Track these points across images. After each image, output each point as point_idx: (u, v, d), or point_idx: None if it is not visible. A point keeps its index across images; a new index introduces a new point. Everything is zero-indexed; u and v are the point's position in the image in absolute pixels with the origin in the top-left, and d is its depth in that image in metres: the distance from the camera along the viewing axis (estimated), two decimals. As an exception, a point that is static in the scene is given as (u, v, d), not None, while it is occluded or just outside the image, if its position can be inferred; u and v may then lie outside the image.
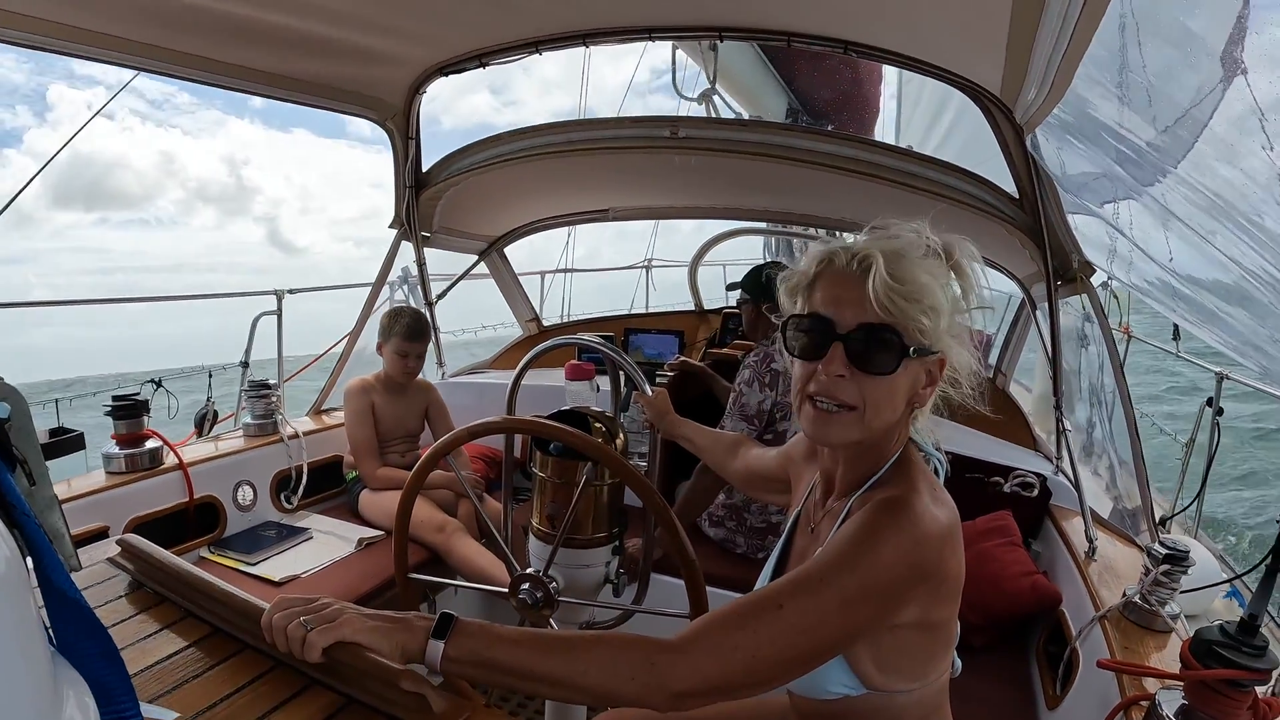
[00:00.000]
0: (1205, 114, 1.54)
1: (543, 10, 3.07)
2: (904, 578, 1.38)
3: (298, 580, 3.37)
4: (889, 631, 1.45)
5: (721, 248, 6.85)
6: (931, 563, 1.41)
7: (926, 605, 1.44)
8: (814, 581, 1.36)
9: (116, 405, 3.41)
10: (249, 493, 3.89)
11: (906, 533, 1.39)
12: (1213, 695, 1.77)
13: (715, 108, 4.38)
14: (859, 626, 1.37)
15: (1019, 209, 3.38)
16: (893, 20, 2.84)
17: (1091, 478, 4.04)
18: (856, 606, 1.34)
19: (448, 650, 1.31)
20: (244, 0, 2.69)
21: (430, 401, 4.43)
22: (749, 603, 1.36)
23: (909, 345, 1.47)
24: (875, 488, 1.58)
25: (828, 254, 1.56)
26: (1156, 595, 2.54)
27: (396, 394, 4.24)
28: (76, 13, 2.57)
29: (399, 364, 4.13)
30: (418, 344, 4.16)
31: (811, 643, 1.33)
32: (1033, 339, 4.76)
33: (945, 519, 1.47)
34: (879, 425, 1.54)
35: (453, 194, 4.35)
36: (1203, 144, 1.60)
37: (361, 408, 4.09)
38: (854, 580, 1.34)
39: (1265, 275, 1.53)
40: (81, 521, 3.04)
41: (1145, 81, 1.75)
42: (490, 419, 2.24)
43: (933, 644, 1.54)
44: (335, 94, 3.68)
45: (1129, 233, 2.31)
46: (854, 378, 1.49)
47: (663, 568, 2.87)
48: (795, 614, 1.32)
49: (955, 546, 1.47)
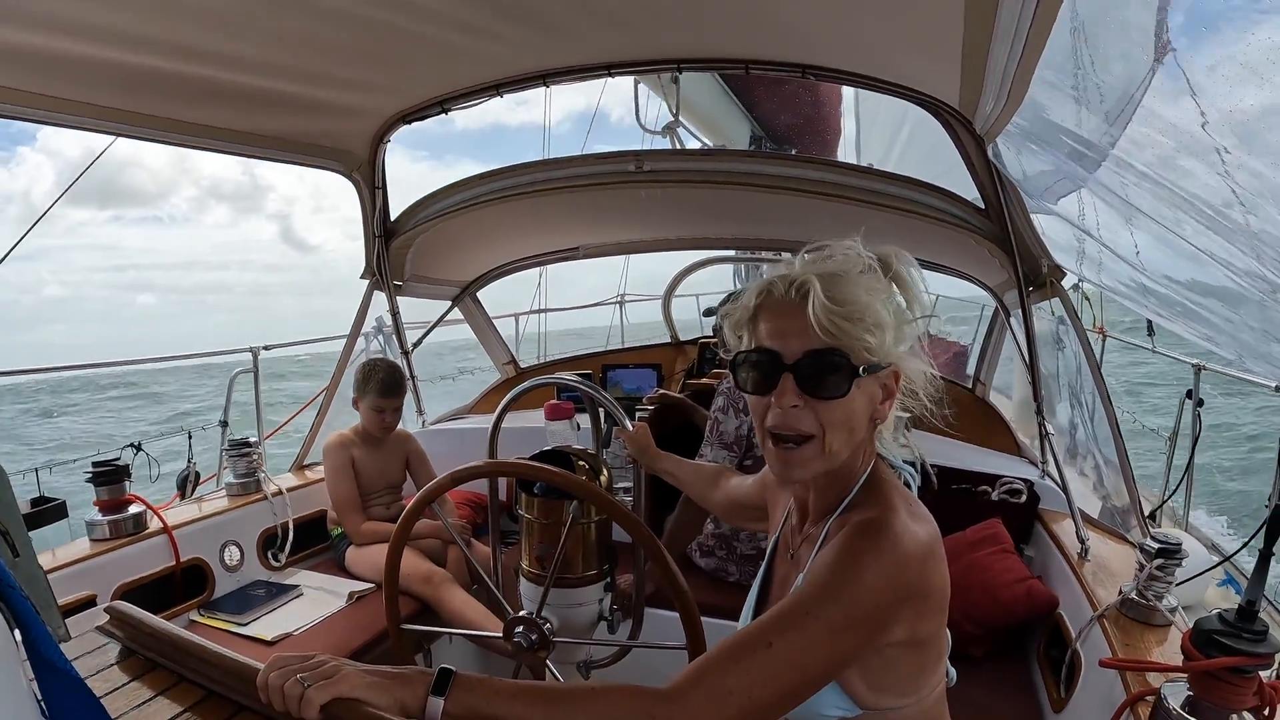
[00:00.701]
0: (1140, 97, 1.57)
1: (503, 53, 3.09)
2: (888, 601, 1.37)
3: (291, 638, 3.34)
4: (878, 652, 1.45)
5: (694, 277, 6.88)
6: (914, 582, 1.41)
7: (913, 623, 1.44)
8: (799, 615, 1.35)
9: (97, 471, 3.38)
10: (236, 552, 3.86)
11: (887, 555, 1.39)
12: (1217, 684, 1.77)
13: (680, 139, 4.39)
14: (848, 654, 1.37)
15: (985, 219, 3.40)
16: (849, 42, 2.86)
17: (1078, 479, 4.05)
18: (844, 635, 1.34)
19: (448, 706, 1.30)
20: (207, 61, 2.70)
21: (410, 451, 4.41)
22: (738, 644, 1.35)
23: (857, 365, 1.46)
24: (850, 509, 1.58)
25: (766, 285, 1.56)
26: (1153, 590, 2.55)
27: (375, 446, 4.22)
28: (41, 81, 2.57)
29: (375, 419, 4.12)
30: (394, 399, 4.15)
31: (803, 677, 1.33)
32: (1010, 347, 4.78)
33: (924, 535, 1.47)
34: (841, 449, 1.53)
35: (423, 241, 4.35)
36: (1143, 126, 1.62)
37: (341, 463, 4.07)
38: (839, 610, 1.34)
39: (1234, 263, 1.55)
40: (68, 591, 3.01)
41: (1096, 81, 1.78)
42: (472, 464, 2.23)
43: (923, 659, 1.54)
44: (301, 148, 3.68)
45: (1096, 234, 2.33)
46: (808, 405, 1.48)
47: (656, 601, 2.86)
48: (785, 650, 1.32)
49: (937, 561, 1.47)
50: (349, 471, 4.08)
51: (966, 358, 9.71)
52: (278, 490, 4.13)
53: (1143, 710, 2.01)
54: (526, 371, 6.37)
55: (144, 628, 1.74)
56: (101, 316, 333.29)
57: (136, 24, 2.37)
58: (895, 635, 1.42)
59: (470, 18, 2.70)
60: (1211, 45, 1.36)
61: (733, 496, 2.31)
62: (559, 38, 2.99)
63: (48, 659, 0.99)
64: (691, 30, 2.91)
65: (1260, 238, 1.40)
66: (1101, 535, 3.40)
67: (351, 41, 2.79)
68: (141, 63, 2.61)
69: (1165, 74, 1.44)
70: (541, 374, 5.74)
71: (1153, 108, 1.56)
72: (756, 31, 2.87)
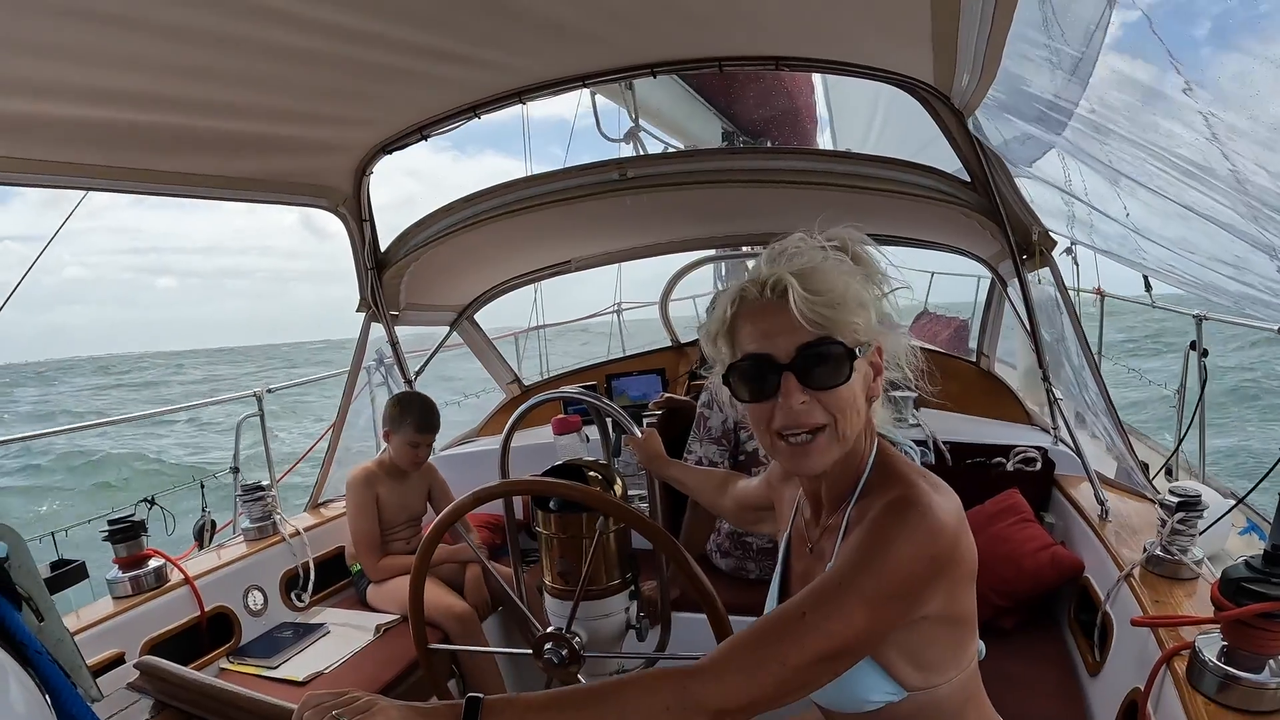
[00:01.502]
0: (1099, 43, 1.58)
1: (476, 76, 3.09)
2: (924, 573, 1.38)
3: (322, 676, 3.34)
4: (915, 628, 1.45)
5: (689, 279, 6.88)
6: (948, 552, 1.41)
7: (948, 594, 1.44)
8: (834, 588, 1.36)
9: (114, 529, 3.38)
10: (259, 597, 3.86)
11: (919, 527, 1.40)
12: (1250, 631, 1.77)
13: (643, 145, 4.38)
14: (882, 627, 1.37)
15: (972, 191, 3.40)
16: (819, 30, 2.86)
17: (1091, 441, 4.05)
18: (880, 607, 1.34)
19: None
20: (180, 110, 2.70)
21: (433, 482, 4.41)
22: (772, 618, 1.36)
23: (852, 348, 1.48)
24: (867, 494, 1.58)
25: (738, 292, 1.58)
26: (1177, 544, 2.54)
27: (400, 479, 4.21)
28: (14, 144, 2.57)
29: (409, 454, 4.10)
30: (430, 435, 4.14)
31: (839, 645, 1.33)
32: (1010, 316, 4.78)
33: (951, 506, 1.47)
34: (851, 434, 1.54)
35: (415, 269, 4.35)
36: (1111, 87, 1.63)
37: (365, 501, 4.06)
38: (873, 582, 1.35)
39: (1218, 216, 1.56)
40: (95, 650, 3.00)
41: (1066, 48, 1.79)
42: (486, 486, 2.23)
43: (960, 632, 1.55)
44: (283, 188, 3.68)
45: (1084, 197, 2.33)
46: (815, 399, 1.49)
47: (682, 605, 2.86)
48: (819, 619, 1.33)
49: (965, 530, 1.48)
50: (373, 509, 4.08)
51: (967, 332, 9.73)
52: (295, 531, 4.13)
53: (1179, 665, 2.01)
54: (531, 389, 6.37)
55: (175, 680, 1.74)
56: (121, 299, 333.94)
57: (106, 79, 2.36)
58: (931, 608, 1.43)
59: (441, 45, 2.71)
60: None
61: (740, 499, 2.33)
62: (530, 56, 2.99)
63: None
64: (662, 34, 2.91)
65: (1245, 188, 1.41)
66: (1120, 495, 3.39)
67: (325, 79, 2.79)
68: (114, 117, 2.60)
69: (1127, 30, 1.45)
70: (546, 390, 5.74)
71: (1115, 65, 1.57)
72: (726, 28, 2.87)
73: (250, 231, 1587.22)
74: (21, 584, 1.17)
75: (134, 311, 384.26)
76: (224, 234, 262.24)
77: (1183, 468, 4.66)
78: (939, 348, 7.63)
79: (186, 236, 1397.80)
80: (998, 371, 5.23)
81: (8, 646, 0.95)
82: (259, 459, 5.18)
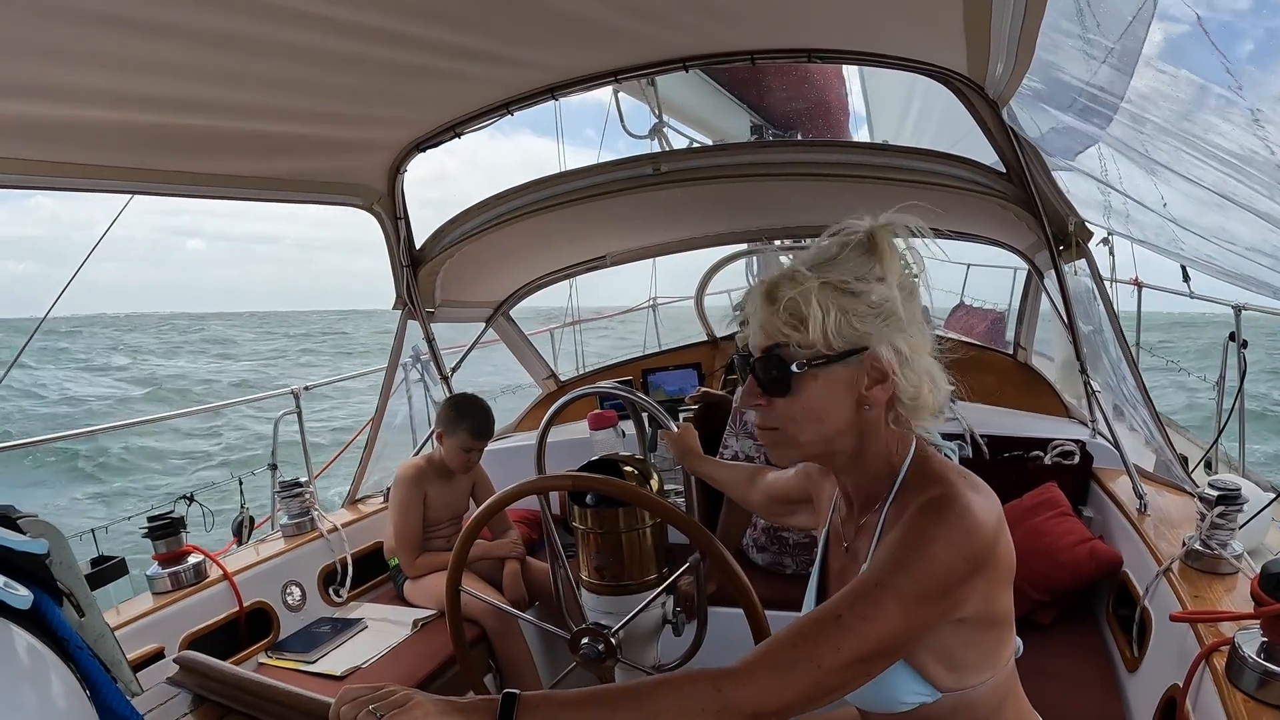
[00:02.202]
0: (1143, 38, 1.56)
1: (508, 74, 3.09)
2: (961, 572, 1.37)
3: (360, 671, 3.37)
4: (952, 628, 1.44)
5: (723, 274, 6.86)
6: (986, 551, 1.40)
7: (986, 595, 1.43)
8: (870, 588, 1.35)
9: (153, 526, 3.41)
10: (297, 592, 3.89)
11: (956, 527, 1.39)
12: (1291, 626, 1.75)
13: (668, 140, 4.37)
14: (921, 626, 1.36)
15: (1007, 182, 3.37)
16: (850, 21, 2.85)
17: (1129, 434, 4.01)
18: (916, 607, 1.34)
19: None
20: (214, 113, 2.72)
21: (477, 479, 4.43)
22: (808, 620, 1.36)
23: (790, 361, 1.49)
24: (904, 493, 1.57)
25: (754, 290, 1.60)
26: (1216, 538, 2.52)
27: (447, 479, 4.23)
28: (53, 148, 2.59)
29: (461, 458, 4.10)
30: (484, 441, 4.14)
31: (875, 647, 1.32)
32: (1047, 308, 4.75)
33: (991, 506, 1.46)
34: (807, 440, 1.56)
35: (450, 266, 4.36)
36: (1149, 78, 1.61)
37: (411, 497, 4.07)
38: (909, 581, 1.34)
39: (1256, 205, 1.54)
40: (135, 645, 3.04)
41: (1101, 37, 1.77)
42: (522, 482, 2.24)
43: (998, 632, 1.54)
44: (317, 188, 3.70)
45: (1120, 187, 2.31)
46: (770, 403, 1.54)
47: (718, 600, 2.85)
48: (855, 621, 1.32)
49: (1004, 530, 1.46)
50: (419, 507, 4.09)
51: (1004, 324, 9.66)
52: (333, 527, 4.16)
53: (1218, 661, 1.99)
54: (567, 384, 6.38)
55: (214, 674, 1.76)
56: (150, 259, 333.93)
57: (140, 85, 2.38)
58: (969, 609, 1.42)
59: (473, 44, 2.71)
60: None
61: (770, 492, 2.30)
62: (563, 52, 2.99)
63: (120, 715, 1.00)
64: (694, 28, 2.90)
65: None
66: (1159, 488, 3.37)
67: (358, 80, 2.80)
68: (148, 121, 2.63)
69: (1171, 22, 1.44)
70: (582, 385, 5.74)
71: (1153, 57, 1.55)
72: (758, 21, 2.86)
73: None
74: (63, 580, 1.19)
75: (163, 271, 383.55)
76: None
77: (1222, 460, 4.61)
78: (976, 340, 7.58)
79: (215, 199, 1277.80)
80: (1035, 364, 5.20)
81: (49, 642, 0.96)
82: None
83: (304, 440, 4.81)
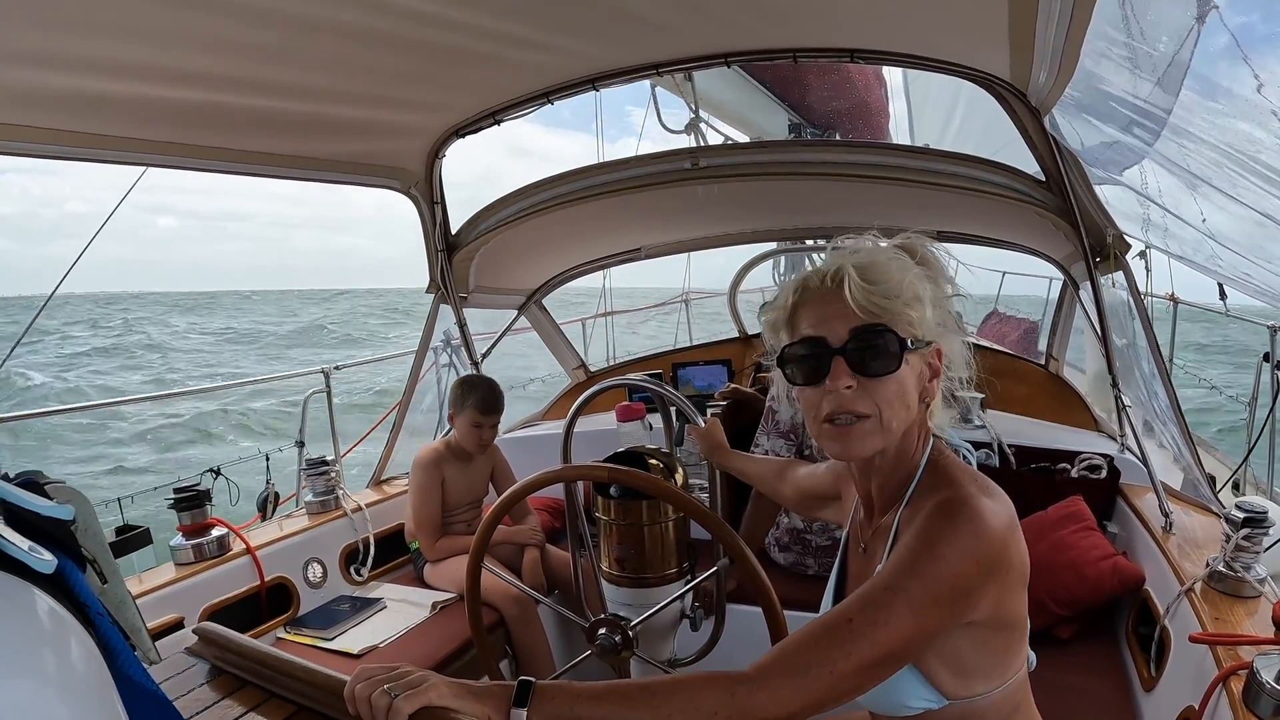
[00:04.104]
0: (1189, 59, 1.54)
1: (550, 62, 3.10)
2: (972, 576, 1.37)
3: (377, 650, 3.38)
4: (963, 634, 1.44)
5: (756, 271, 6.85)
6: (997, 555, 1.40)
7: (998, 599, 1.43)
8: (880, 592, 1.36)
9: (179, 497, 3.44)
10: (319, 569, 3.91)
11: (966, 530, 1.39)
12: (1310, 655, 1.74)
13: (704, 136, 4.36)
14: (932, 630, 1.36)
15: (1047, 191, 3.35)
16: (894, 22, 2.84)
17: (1158, 451, 3.99)
18: (927, 611, 1.34)
19: (530, 717, 1.31)
20: (257, 92, 2.74)
21: (496, 463, 4.44)
22: (818, 625, 1.36)
23: (904, 338, 1.48)
24: (918, 496, 1.57)
25: (801, 282, 1.59)
26: (1240, 561, 2.50)
27: (465, 461, 4.24)
28: (96, 121, 2.62)
29: (473, 435, 4.12)
30: (493, 416, 4.16)
31: (886, 651, 1.33)
32: (1080, 319, 4.72)
33: (1001, 509, 1.46)
34: (897, 427, 1.54)
35: (485, 252, 4.37)
36: (1191, 92, 1.60)
37: (429, 481, 4.09)
38: (920, 585, 1.34)
39: None
40: (156, 615, 3.07)
41: (1147, 49, 1.75)
42: (542, 471, 2.24)
43: (1008, 639, 1.53)
44: (355, 169, 3.71)
45: (1160, 201, 2.30)
46: (862, 386, 1.50)
47: (738, 597, 2.85)
48: (866, 626, 1.32)
49: (1016, 534, 1.46)
50: (437, 491, 4.11)
51: (1037, 334, 9.60)
52: (357, 506, 4.19)
53: (1235, 685, 1.97)
54: (596, 375, 6.39)
55: (232, 647, 1.77)
56: (121, 235, 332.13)
57: (186, 61, 2.40)
58: (980, 613, 1.42)
59: (516, 31, 2.71)
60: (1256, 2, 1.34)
61: (802, 486, 2.30)
62: (605, 43, 2.99)
63: (137, 682, 1.01)
64: (737, 24, 2.90)
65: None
66: (1185, 507, 3.34)
67: (400, 63, 2.81)
68: (194, 97, 2.65)
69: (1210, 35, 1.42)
70: (612, 376, 5.74)
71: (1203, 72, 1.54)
72: (802, 20, 2.86)
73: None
74: (87, 546, 1.20)
75: (133, 248, 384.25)
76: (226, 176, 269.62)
77: (1250, 482, 4.56)
78: (1007, 349, 7.54)
79: (187, 175, 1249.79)
80: (1066, 375, 5.17)
81: (71, 607, 0.97)
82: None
83: (332, 419, 4.83)
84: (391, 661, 1.42)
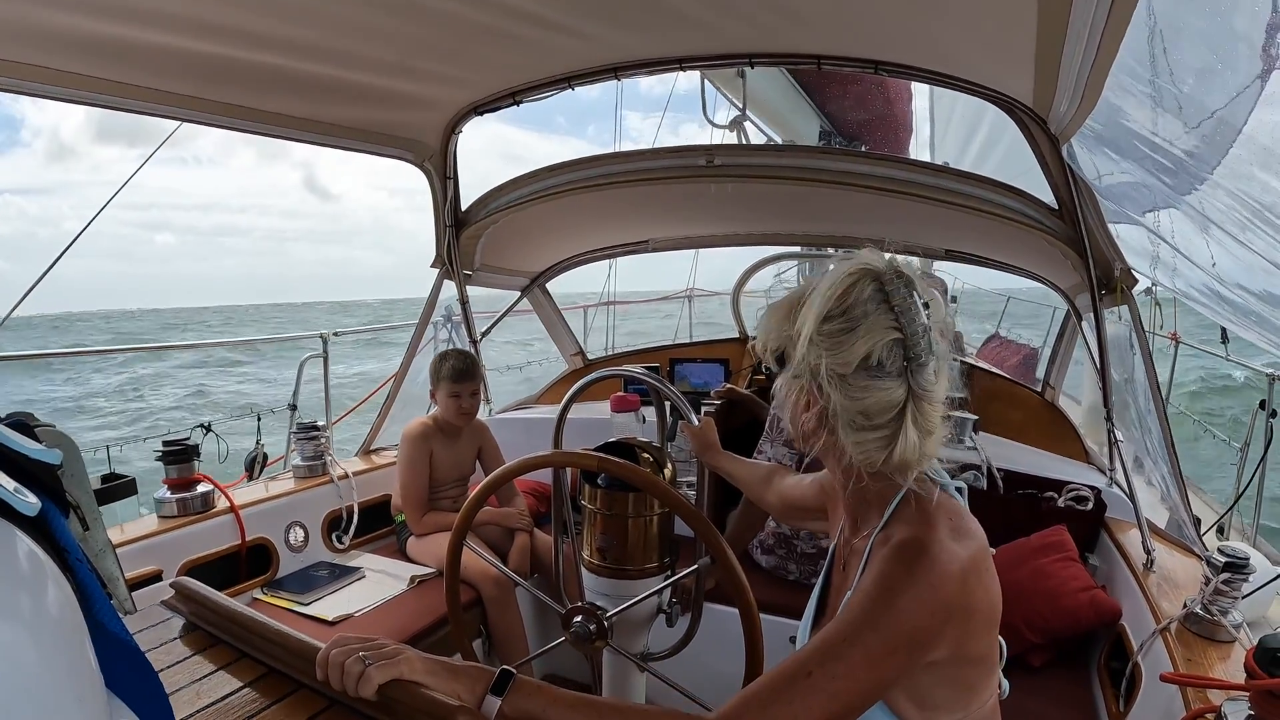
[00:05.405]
0: (1240, 117, 1.52)
1: (574, 46, 3.09)
2: (926, 624, 1.37)
3: (352, 619, 3.39)
4: (924, 670, 1.44)
5: (762, 274, 6.85)
6: (954, 601, 1.39)
7: (958, 641, 1.42)
8: (838, 643, 1.36)
9: (167, 450, 3.45)
10: (300, 534, 3.91)
11: (922, 578, 1.38)
12: (1279, 704, 1.74)
13: (746, 134, 4.36)
14: (889, 678, 1.37)
15: (1059, 219, 3.35)
16: (921, 37, 2.84)
17: (1146, 488, 3.99)
18: (883, 661, 1.34)
19: (504, 707, 1.33)
20: (281, 51, 2.73)
21: (484, 442, 4.45)
22: (781, 674, 1.36)
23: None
24: (891, 524, 1.56)
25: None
26: (1218, 605, 2.51)
27: (453, 437, 4.26)
28: (116, 68, 2.62)
29: (453, 405, 4.14)
30: (468, 384, 4.16)
31: (845, 704, 1.33)
32: (1080, 350, 4.73)
33: (964, 552, 1.44)
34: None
35: (493, 231, 4.37)
36: (1238, 149, 1.58)
37: (417, 455, 4.10)
38: (877, 637, 1.34)
39: None
40: (135, 565, 3.08)
41: (1175, 90, 1.74)
42: (535, 455, 2.24)
43: (975, 672, 1.52)
44: (373, 138, 3.71)
45: (1171, 240, 2.29)
46: None
47: (716, 597, 2.85)
48: (825, 679, 1.33)
49: (980, 576, 1.45)
50: (425, 464, 4.12)
51: (1036, 361, 9.60)
52: (344, 474, 4.20)
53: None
54: (594, 363, 6.40)
55: (207, 604, 1.77)
56: (118, 253, 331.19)
57: (213, 13, 2.40)
58: (941, 653, 1.41)
59: (542, 11, 2.71)
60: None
61: (786, 496, 2.31)
62: (630, 31, 2.98)
63: (110, 631, 1.00)
64: (764, 26, 2.89)
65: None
66: (1168, 547, 3.35)
67: (424, 34, 2.81)
68: (216, 51, 2.64)
69: (1271, 95, 1.41)
70: (609, 365, 5.74)
71: (1254, 133, 1.52)
72: (828, 26, 2.85)
73: (252, 190, 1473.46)
74: (72, 492, 1.20)
75: (131, 265, 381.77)
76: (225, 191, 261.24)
77: (1235, 529, 4.57)
78: (1006, 373, 7.56)
79: (186, 193, 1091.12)
80: (1061, 405, 5.17)
81: (51, 551, 0.97)
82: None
83: (326, 386, 4.83)
84: (365, 632, 1.43)
